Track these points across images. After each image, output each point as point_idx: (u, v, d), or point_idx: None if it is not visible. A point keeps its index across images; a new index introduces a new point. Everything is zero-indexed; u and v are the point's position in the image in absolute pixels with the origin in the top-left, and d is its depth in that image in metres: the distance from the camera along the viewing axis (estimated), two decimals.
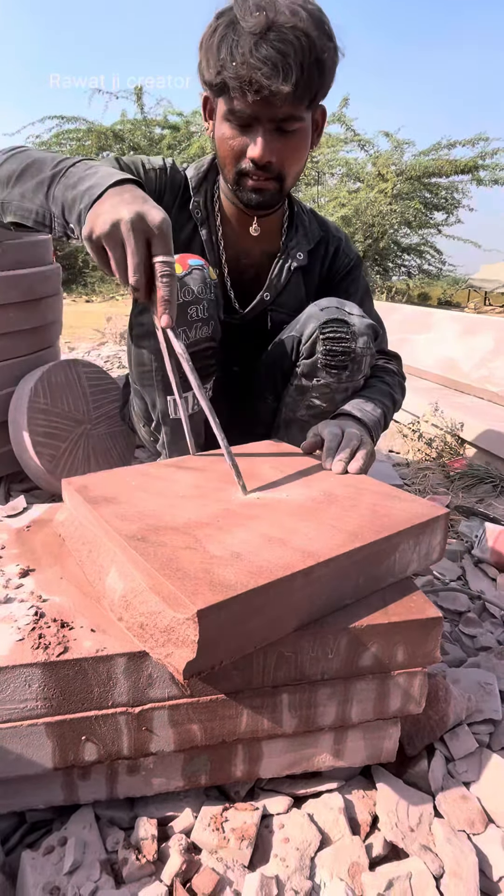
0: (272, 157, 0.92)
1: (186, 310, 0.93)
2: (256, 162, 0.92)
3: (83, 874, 0.58)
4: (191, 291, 0.94)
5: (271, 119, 0.89)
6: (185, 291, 0.93)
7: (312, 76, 0.86)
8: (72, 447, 1.44)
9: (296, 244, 1.12)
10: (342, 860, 0.62)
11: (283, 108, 0.87)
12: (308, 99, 0.88)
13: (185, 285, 0.93)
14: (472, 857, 0.63)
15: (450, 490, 1.68)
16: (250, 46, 0.82)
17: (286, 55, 0.82)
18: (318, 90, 0.89)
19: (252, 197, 0.98)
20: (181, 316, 0.94)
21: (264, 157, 0.91)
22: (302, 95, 0.86)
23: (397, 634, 0.64)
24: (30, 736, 0.57)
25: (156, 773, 0.63)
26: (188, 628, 0.51)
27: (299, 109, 0.89)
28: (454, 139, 8.13)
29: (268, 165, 0.93)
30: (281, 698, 0.62)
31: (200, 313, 0.95)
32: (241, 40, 0.83)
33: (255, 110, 0.87)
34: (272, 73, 0.82)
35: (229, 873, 0.59)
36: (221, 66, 0.85)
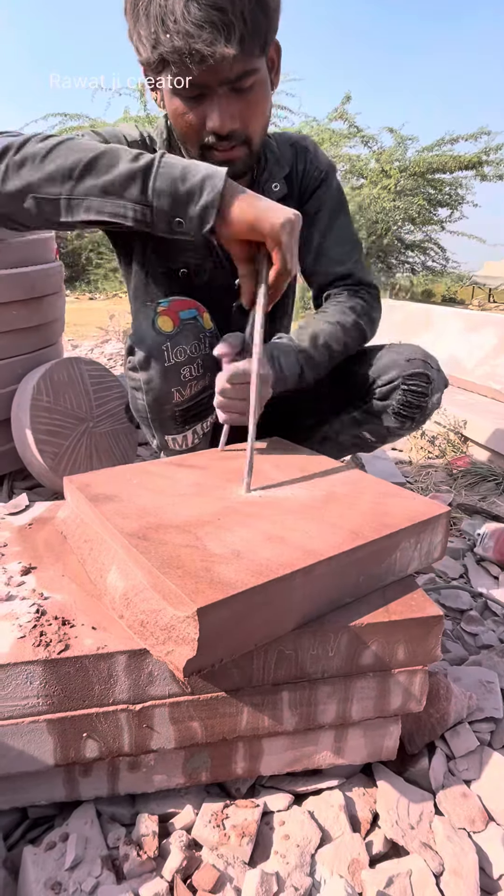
0: (235, 124, 0.83)
1: (180, 371, 0.91)
2: (219, 133, 0.83)
3: (84, 870, 0.58)
4: (183, 352, 0.90)
5: (223, 83, 0.79)
6: (177, 352, 0.90)
7: (258, 22, 0.76)
8: (74, 445, 1.45)
9: (268, 176, 1.01)
10: (342, 857, 0.62)
11: (233, 68, 0.77)
12: (259, 48, 0.79)
13: (177, 344, 0.89)
14: (472, 855, 0.63)
15: (452, 488, 1.68)
16: (182, 10, 0.71)
17: (223, 10, 0.72)
18: (267, 33, 0.80)
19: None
20: (174, 378, 0.91)
21: (226, 127, 0.82)
22: (251, 48, 0.77)
23: (398, 633, 0.64)
24: (31, 733, 0.57)
25: (157, 770, 0.64)
26: (188, 626, 0.51)
27: (252, 62, 0.79)
28: (456, 134, 8.09)
29: (232, 133, 0.84)
30: (281, 696, 0.63)
31: (195, 371, 0.92)
32: (170, 3, 0.72)
33: (204, 79, 0.78)
34: (213, 36, 0.73)
35: (230, 870, 0.60)
36: (155, 39, 0.75)
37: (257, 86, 0.83)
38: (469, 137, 8.08)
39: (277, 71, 0.91)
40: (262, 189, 1.01)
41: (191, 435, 0.99)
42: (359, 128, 8.12)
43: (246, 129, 0.86)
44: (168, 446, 1.01)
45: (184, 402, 0.94)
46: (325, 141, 8.09)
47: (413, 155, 8.27)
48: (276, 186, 1.02)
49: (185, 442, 1.00)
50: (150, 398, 0.93)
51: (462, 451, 1.91)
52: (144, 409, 0.96)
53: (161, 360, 0.89)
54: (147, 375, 0.91)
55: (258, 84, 0.83)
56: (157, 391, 0.92)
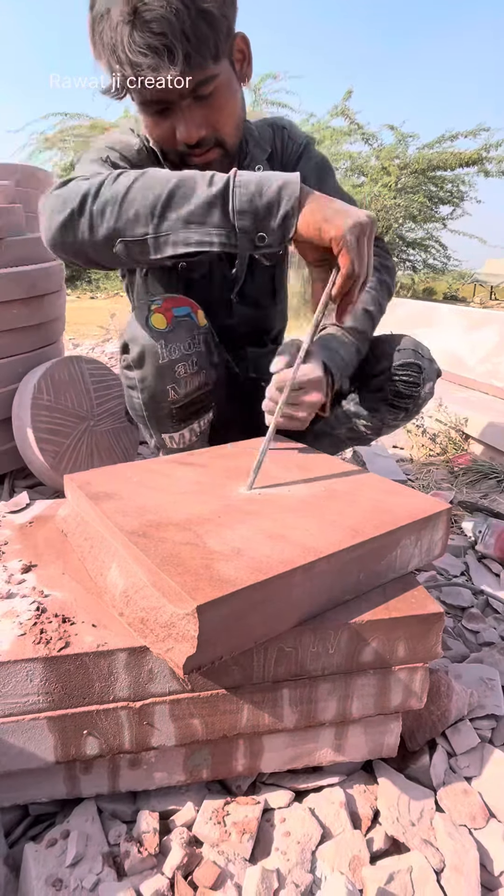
0: (202, 132, 0.85)
1: (174, 368, 0.90)
2: (188, 143, 0.86)
3: (85, 867, 0.58)
4: (177, 349, 0.89)
5: (182, 96, 0.81)
6: (171, 349, 0.89)
7: (203, 35, 0.76)
8: (75, 443, 1.45)
9: (250, 160, 1.02)
10: (343, 854, 0.62)
11: (190, 81, 0.79)
12: (210, 57, 0.79)
13: (171, 342, 0.88)
14: (472, 852, 0.63)
15: (454, 485, 1.68)
16: (127, 39, 0.73)
17: (163, 34, 0.73)
18: (217, 41, 0.79)
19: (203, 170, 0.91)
20: (168, 375, 0.91)
21: (193, 136, 0.85)
22: (199, 61, 0.78)
23: (398, 630, 0.64)
24: (32, 730, 0.57)
25: (157, 768, 0.64)
26: (188, 623, 0.51)
27: (206, 71, 0.80)
28: (456, 131, 8.07)
29: (202, 140, 0.86)
30: (281, 693, 0.63)
31: (189, 368, 0.92)
32: (118, 33, 0.74)
33: (162, 96, 0.80)
34: (156, 62, 0.74)
35: (230, 866, 0.60)
36: (109, 68, 0.78)
37: (219, 89, 0.84)
38: (468, 134, 8.06)
39: (249, 61, 0.91)
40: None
41: (188, 433, 0.99)
42: (359, 124, 8.10)
43: (216, 133, 0.87)
44: (166, 445, 1.01)
45: (179, 399, 0.93)
46: (325, 138, 8.08)
47: (414, 152, 8.24)
48: (260, 168, 1.01)
49: (183, 440, 1.00)
50: (145, 396, 0.93)
51: (463, 448, 1.91)
52: (140, 408, 0.96)
53: (155, 358, 0.89)
54: (141, 373, 0.91)
55: (220, 87, 0.84)
56: (152, 389, 0.92)
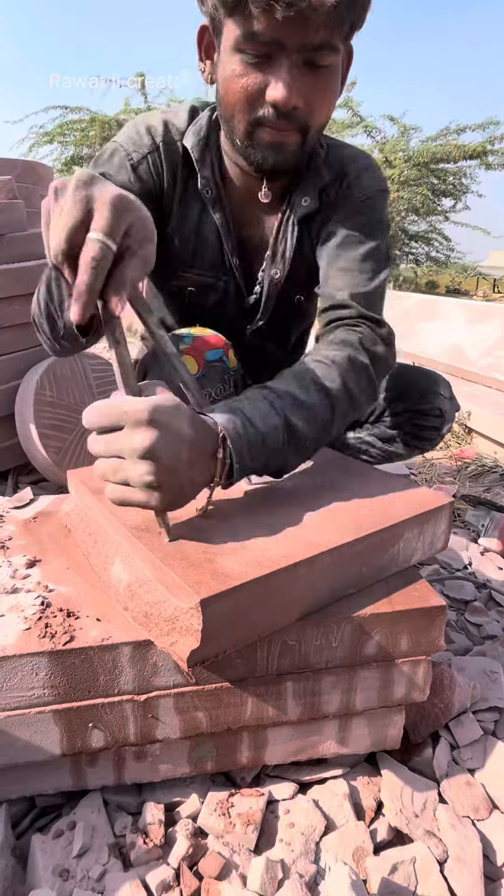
0: (299, 101, 0.71)
1: None
2: (279, 106, 0.71)
3: (92, 857, 0.59)
4: (208, 395, 0.82)
5: (301, 48, 0.68)
6: (203, 394, 0.78)
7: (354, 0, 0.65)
8: (78, 439, 1.45)
9: (301, 189, 0.87)
10: (347, 845, 0.63)
11: (319, 33, 0.67)
12: (349, 23, 0.69)
13: (202, 388, 0.76)
14: (476, 843, 0.63)
15: (457, 479, 1.68)
16: None
17: None
18: (360, 15, 0.69)
19: (268, 156, 0.76)
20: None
21: (290, 101, 0.70)
22: (344, 16, 0.66)
23: (401, 623, 0.64)
24: (38, 723, 0.58)
25: (162, 760, 0.64)
26: (192, 617, 0.51)
27: (336, 36, 0.68)
28: (463, 124, 8.01)
29: (292, 112, 0.72)
30: (285, 686, 0.63)
31: None
32: None
33: (283, 34, 0.66)
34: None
35: (235, 857, 0.60)
36: None
37: (332, 70, 0.73)
38: (476, 127, 8.00)
39: (345, 80, 0.80)
40: (291, 202, 0.88)
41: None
42: (362, 117, 8.05)
43: (309, 114, 0.74)
44: None
45: None
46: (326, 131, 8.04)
47: (417, 145, 8.20)
48: (306, 201, 0.88)
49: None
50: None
51: (466, 442, 1.91)
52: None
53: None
54: None
55: (333, 69, 0.73)
56: None
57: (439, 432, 1.01)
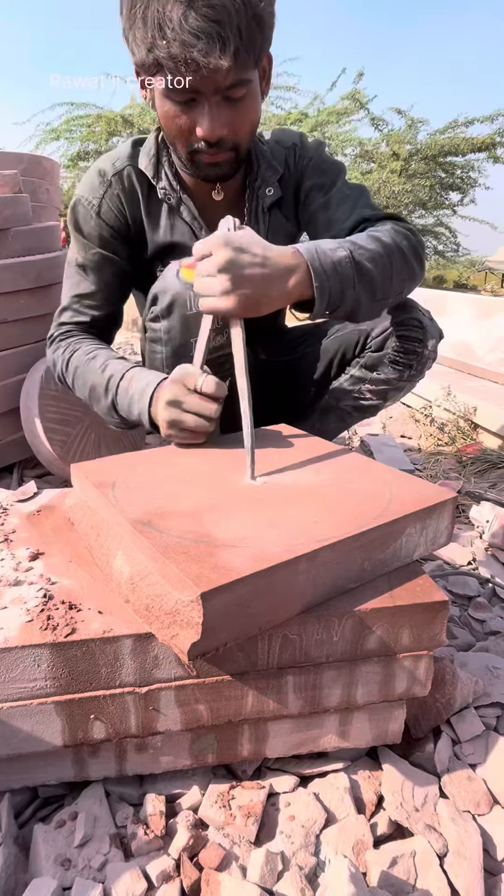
0: (223, 132, 0.84)
1: (199, 320, 0.90)
2: (208, 140, 0.85)
3: (93, 847, 0.59)
4: None
5: (216, 91, 0.80)
6: (198, 301, 0.88)
7: (253, 37, 0.77)
8: (82, 433, 1.46)
9: (261, 182, 1.03)
10: (347, 838, 0.63)
11: (227, 78, 0.79)
12: (253, 60, 0.80)
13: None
14: (476, 837, 0.63)
15: (462, 475, 1.67)
16: (179, 18, 0.72)
17: (220, 22, 0.73)
18: (261, 47, 0.80)
19: (209, 173, 0.92)
20: (193, 327, 0.91)
21: (215, 134, 0.84)
22: (245, 60, 0.78)
23: (403, 618, 0.64)
24: (40, 714, 0.58)
25: (164, 752, 0.65)
26: (192, 610, 0.51)
27: (245, 73, 0.81)
28: (472, 116, 7.93)
29: (220, 140, 0.85)
30: (286, 680, 0.63)
31: (214, 322, 0.90)
32: (168, 11, 0.72)
33: (198, 86, 0.79)
34: (208, 47, 0.74)
35: (235, 849, 0.61)
36: (151, 43, 0.76)
37: (248, 96, 0.84)
38: (485, 119, 7.92)
39: (268, 80, 0.92)
40: (255, 195, 1.03)
41: None
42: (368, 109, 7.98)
43: (235, 137, 0.87)
44: None
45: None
46: (331, 122, 7.97)
47: (425, 138, 8.12)
48: (270, 191, 1.03)
49: None
50: (168, 349, 0.96)
51: (472, 438, 1.90)
52: (161, 364, 0.98)
53: (183, 308, 0.92)
54: (168, 324, 0.94)
55: (249, 94, 0.84)
56: (176, 341, 0.95)
57: (423, 344, 1.03)
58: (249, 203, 1.04)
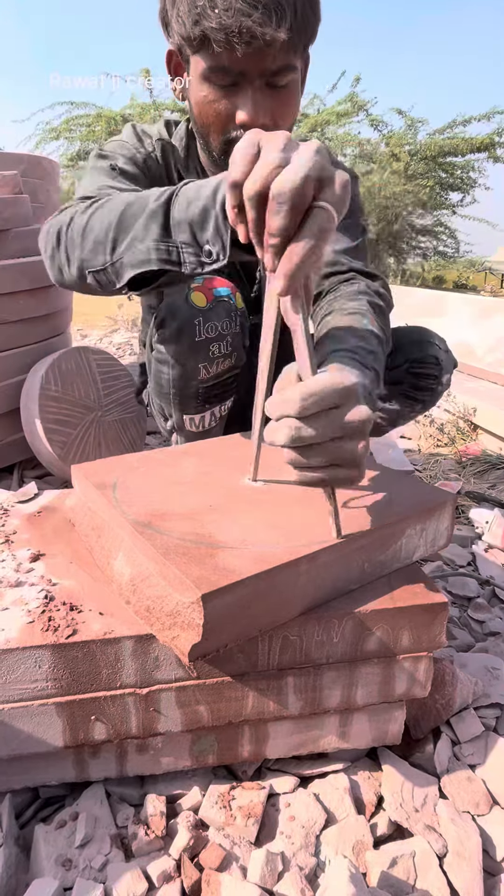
0: (266, 119, 0.80)
1: (209, 347, 0.90)
2: (249, 127, 0.79)
3: (94, 848, 0.59)
4: (214, 328, 0.89)
5: (262, 74, 0.76)
6: (208, 328, 0.88)
7: (307, 16, 0.74)
8: (83, 434, 1.46)
9: None
10: (347, 838, 0.63)
11: (276, 60, 0.75)
12: (303, 44, 0.77)
13: (209, 320, 0.88)
14: (475, 838, 0.63)
15: (461, 476, 1.67)
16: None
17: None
18: (313, 33, 0.78)
19: None
20: (203, 354, 0.90)
21: (258, 121, 0.78)
22: (297, 42, 0.75)
23: (402, 619, 0.64)
24: (41, 715, 0.58)
25: (164, 753, 0.65)
26: (193, 612, 0.51)
27: (293, 58, 0.77)
28: (468, 115, 7.94)
29: (261, 129, 0.84)
30: (286, 681, 0.63)
31: (224, 349, 0.91)
32: None
33: (245, 65, 0.75)
34: (265, 18, 0.70)
35: (236, 849, 0.61)
36: (199, 14, 0.71)
37: (292, 85, 0.81)
38: (481, 118, 7.93)
39: (304, 79, 0.89)
40: None
41: (208, 416, 0.99)
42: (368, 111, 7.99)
43: (275, 128, 0.81)
44: (185, 426, 1.00)
45: (209, 379, 0.93)
46: (331, 122, 7.98)
47: (424, 138, 8.13)
48: None
49: (203, 423, 0.99)
50: (175, 373, 0.92)
51: (471, 439, 1.90)
52: (168, 385, 0.94)
53: (192, 335, 0.88)
54: (176, 349, 0.90)
55: (293, 83, 0.81)
56: (185, 366, 0.91)
57: (438, 381, 1.03)
58: None
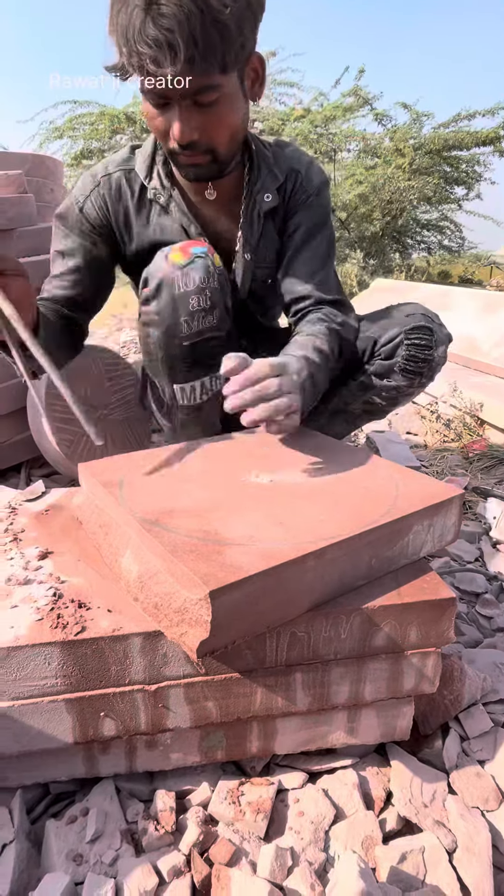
0: (193, 136, 0.85)
1: (188, 299, 0.92)
2: (179, 143, 0.86)
3: (105, 843, 0.60)
4: (192, 281, 0.92)
5: (183, 96, 0.81)
6: (186, 280, 0.91)
7: (212, 43, 0.76)
8: None
9: (261, 186, 1.03)
10: (356, 834, 0.63)
11: (190, 85, 0.79)
12: (216, 66, 0.79)
13: (186, 274, 0.91)
14: (485, 833, 0.63)
15: (468, 471, 1.67)
16: (139, 26, 0.73)
17: (171, 30, 0.73)
18: (226, 53, 0.79)
19: (189, 173, 0.94)
20: (183, 306, 0.93)
21: (184, 138, 0.85)
22: (206, 68, 0.78)
23: (410, 615, 0.64)
24: (51, 712, 0.59)
25: (173, 749, 0.65)
26: (201, 608, 0.52)
27: (210, 79, 0.80)
28: (473, 109, 7.87)
29: (193, 144, 0.87)
30: (294, 677, 0.63)
31: (203, 302, 0.93)
32: (133, 18, 0.74)
33: (163, 92, 0.80)
34: (158, 55, 0.74)
35: (245, 844, 0.61)
36: (119, 49, 0.78)
37: (221, 101, 0.85)
38: (486, 112, 7.86)
39: (262, 82, 0.92)
40: (253, 199, 1.03)
41: (199, 387, 1.01)
42: (372, 105, 7.94)
43: (209, 141, 0.88)
44: (178, 400, 1.03)
45: (191, 335, 0.95)
46: (336, 117, 7.93)
47: (429, 132, 8.07)
48: (269, 197, 1.04)
49: (194, 395, 1.02)
50: (159, 331, 0.96)
51: (478, 434, 1.89)
52: (156, 347, 0.98)
53: (171, 288, 0.92)
54: (158, 305, 0.94)
55: (222, 99, 0.84)
56: (167, 321, 0.95)
57: (433, 351, 1.04)
58: (246, 204, 1.04)
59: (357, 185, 7.78)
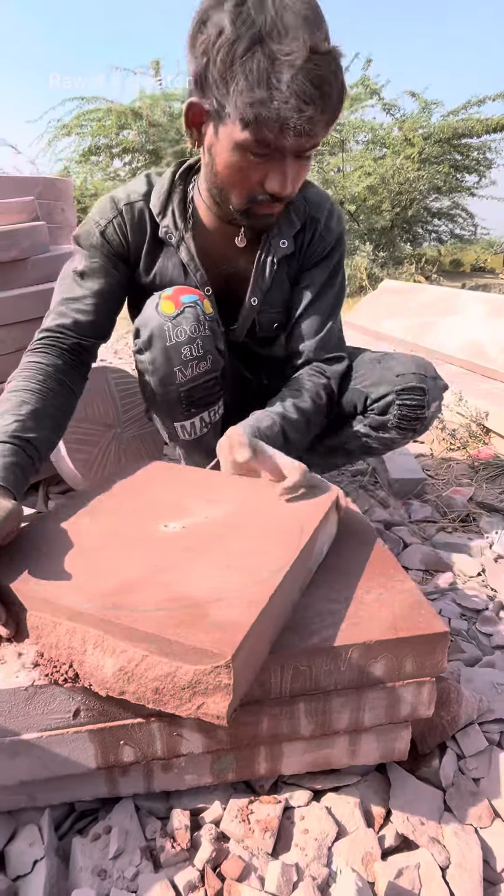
0: (292, 189, 0.87)
1: (180, 350, 0.95)
2: (280, 196, 0.87)
3: (126, 859, 0.66)
4: (184, 332, 0.95)
5: (300, 151, 0.83)
6: (178, 332, 0.94)
7: (337, 108, 0.79)
8: (104, 451, 1.52)
9: (277, 232, 1.04)
10: (357, 850, 0.68)
11: (312, 141, 0.82)
12: (333, 124, 0.82)
13: (177, 325, 0.94)
14: (476, 850, 0.68)
15: (473, 481, 1.70)
16: (289, 79, 0.72)
17: (323, 86, 0.74)
18: (338, 113, 0.82)
19: (256, 223, 0.95)
20: (175, 357, 0.96)
21: (289, 191, 0.86)
22: (332, 123, 0.81)
23: (405, 648, 0.68)
24: (75, 741, 0.64)
25: (188, 771, 0.71)
26: (219, 676, 0.53)
27: (323, 137, 0.84)
28: (483, 95, 7.75)
29: (288, 196, 0.88)
30: (298, 707, 0.68)
31: (195, 351, 0.96)
32: (280, 72, 0.72)
33: (286, 145, 0.81)
34: (315, 112, 0.75)
35: (254, 860, 0.66)
36: (260, 101, 0.75)
37: (311, 156, 0.88)
38: (497, 97, 7.74)
39: None
40: (269, 244, 1.04)
41: (198, 422, 1.05)
42: (380, 95, 7.84)
43: (294, 192, 0.89)
44: (178, 436, 1.07)
45: (186, 382, 0.99)
46: (344, 108, 7.86)
47: (438, 120, 7.96)
48: (284, 243, 1.04)
49: (194, 430, 1.06)
50: (155, 379, 1.00)
51: (484, 442, 1.92)
52: (152, 393, 1.03)
53: (163, 340, 0.96)
54: (151, 356, 0.98)
55: (311, 154, 0.88)
56: (161, 371, 0.98)
57: (425, 410, 1.06)
58: (262, 249, 1.05)
59: (366, 176, 7.72)
